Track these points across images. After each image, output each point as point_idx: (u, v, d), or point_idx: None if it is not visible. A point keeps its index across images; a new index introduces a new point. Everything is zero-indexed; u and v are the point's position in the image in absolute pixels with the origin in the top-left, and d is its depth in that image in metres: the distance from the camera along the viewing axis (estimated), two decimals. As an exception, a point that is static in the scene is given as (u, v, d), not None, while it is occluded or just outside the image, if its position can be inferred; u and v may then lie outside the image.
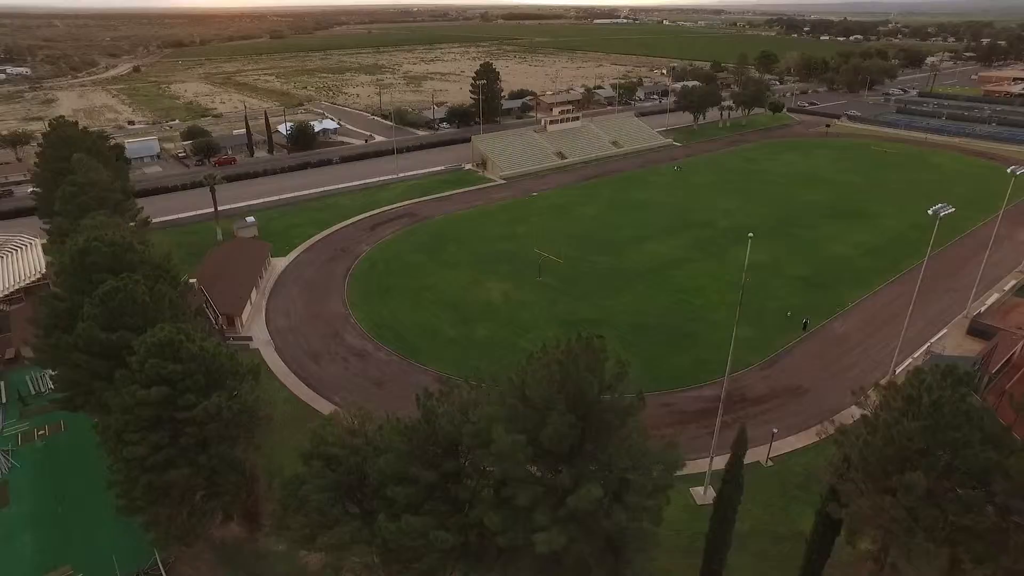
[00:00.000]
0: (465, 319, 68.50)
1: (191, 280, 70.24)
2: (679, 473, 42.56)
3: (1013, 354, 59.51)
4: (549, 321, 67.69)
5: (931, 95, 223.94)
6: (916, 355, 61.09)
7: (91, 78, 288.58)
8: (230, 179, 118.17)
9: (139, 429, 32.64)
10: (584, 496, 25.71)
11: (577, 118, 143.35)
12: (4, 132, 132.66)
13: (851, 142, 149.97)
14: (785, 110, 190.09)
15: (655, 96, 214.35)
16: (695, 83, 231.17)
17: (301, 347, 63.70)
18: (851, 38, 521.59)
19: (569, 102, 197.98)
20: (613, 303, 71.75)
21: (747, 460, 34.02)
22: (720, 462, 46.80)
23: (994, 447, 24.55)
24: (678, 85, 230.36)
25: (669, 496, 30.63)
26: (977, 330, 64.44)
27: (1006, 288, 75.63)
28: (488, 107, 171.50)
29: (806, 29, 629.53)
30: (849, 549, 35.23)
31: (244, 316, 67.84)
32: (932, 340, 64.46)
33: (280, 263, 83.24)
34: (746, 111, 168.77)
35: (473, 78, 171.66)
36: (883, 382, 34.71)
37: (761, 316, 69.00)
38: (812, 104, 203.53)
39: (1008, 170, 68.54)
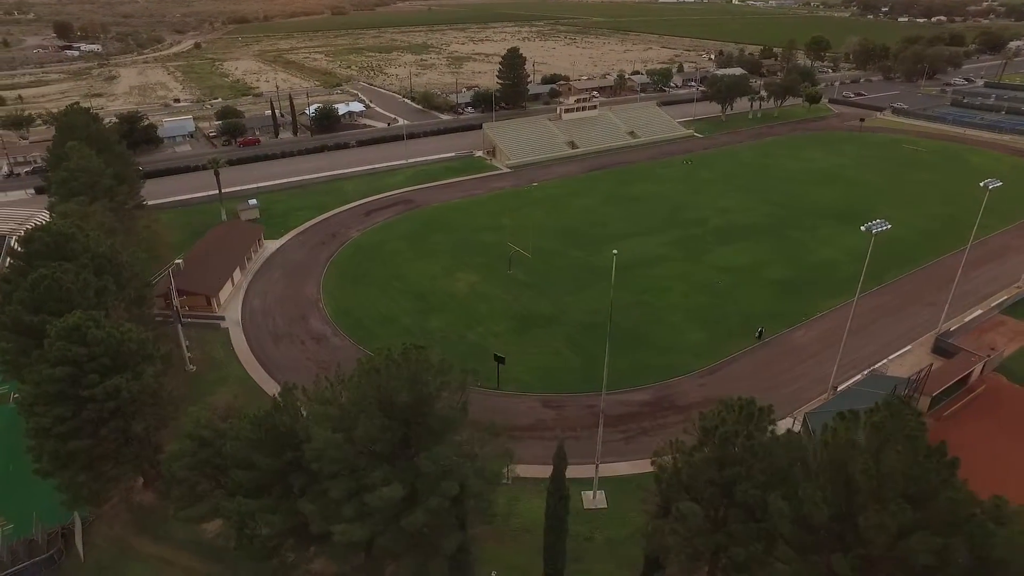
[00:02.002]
0: (425, 309, 71.01)
1: (178, 261, 75.87)
2: (574, 476, 44.99)
3: (970, 374, 57.31)
4: (503, 316, 69.38)
5: (997, 86, 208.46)
6: (867, 372, 59.55)
7: (155, 55, 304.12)
8: (247, 160, 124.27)
9: (46, 403, 36.79)
10: (380, 495, 27.86)
11: (595, 106, 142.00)
12: (54, 110, 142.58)
13: (886, 137, 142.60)
14: (827, 101, 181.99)
15: (693, 83, 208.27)
16: (738, 71, 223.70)
17: (267, 329, 67.85)
18: (933, 19, 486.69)
19: (599, 88, 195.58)
20: (573, 300, 72.61)
21: (649, 469, 34.17)
22: (625, 468, 48.33)
23: (776, 483, 24.96)
24: (721, 72, 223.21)
25: (490, 501, 32.31)
26: (941, 348, 62.11)
27: (996, 304, 71.81)
28: (514, 92, 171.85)
29: (884, 10, 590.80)
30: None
31: (223, 296, 72.56)
32: (892, 356, 62.58)
33: (272, 245, 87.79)
34: (779, 102, 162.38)
35: (500, 63, 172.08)
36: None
37: (720, 321, 68.57)
38: (859, 95, 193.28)
39: None
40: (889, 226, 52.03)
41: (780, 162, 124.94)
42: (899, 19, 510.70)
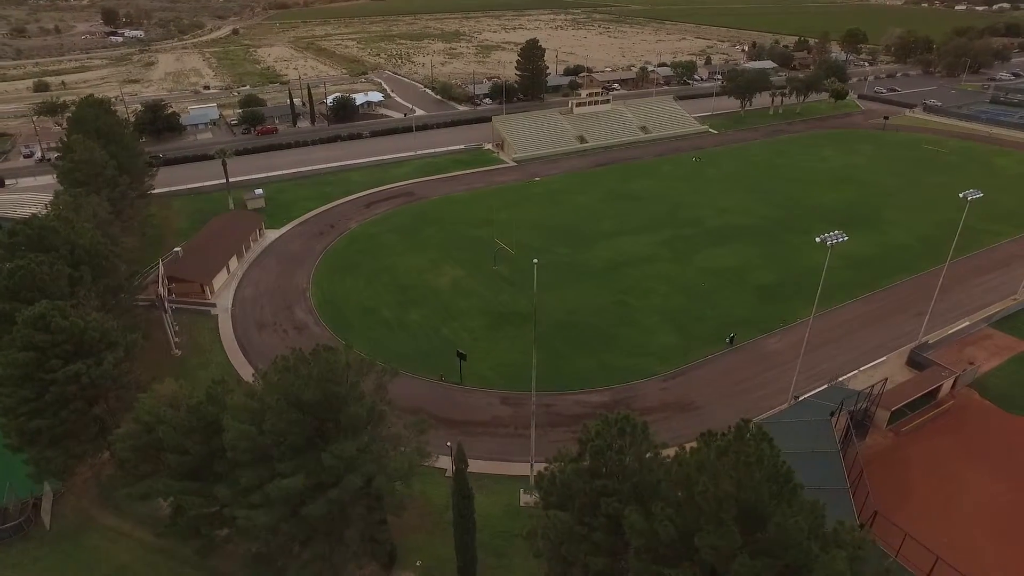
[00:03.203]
0: (406, 302, 72.98)
1: (176, 250, 79.77)
2: (518, 473, 46.62)
3: (939, 389, 56.39)
4: (481, 312, 70.85)
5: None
6: (828, 383, 59.01)
7: (194, 40, 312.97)
8: (262, 149, 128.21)
9: (12, 384, 40.04)
10: (279, 486, 29.89)
11: (608, 100, 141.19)
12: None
13: (909, 137, 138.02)
14: (855, 97, 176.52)
15: (719, 76, 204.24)
16: (768, 64, 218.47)
17: (253, 317, 70.89)
18: (994, 7, 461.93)
19: (622, 80, 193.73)
20: (552, 298, 73.36)
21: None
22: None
23: (646, 498, 25.80)
24: (748, 65, 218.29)
25: (401, 496, 34.07)
26: (915, 361, 61.10)
27: (985, 316, 69.87)
28: (532, 84, 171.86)
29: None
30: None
31: (217, 284, 75.95)
32: (864, 367, 61.82)
33: (273, 235, 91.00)
34: (801, 97, 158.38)
35: (518, 56, 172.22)
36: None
37: (696, 324, 68.66)
38: (891, 90, 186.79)
39: None
40: (846, 238, 51.52)
41: (792, 161, 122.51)
42: (956, 7, 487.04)
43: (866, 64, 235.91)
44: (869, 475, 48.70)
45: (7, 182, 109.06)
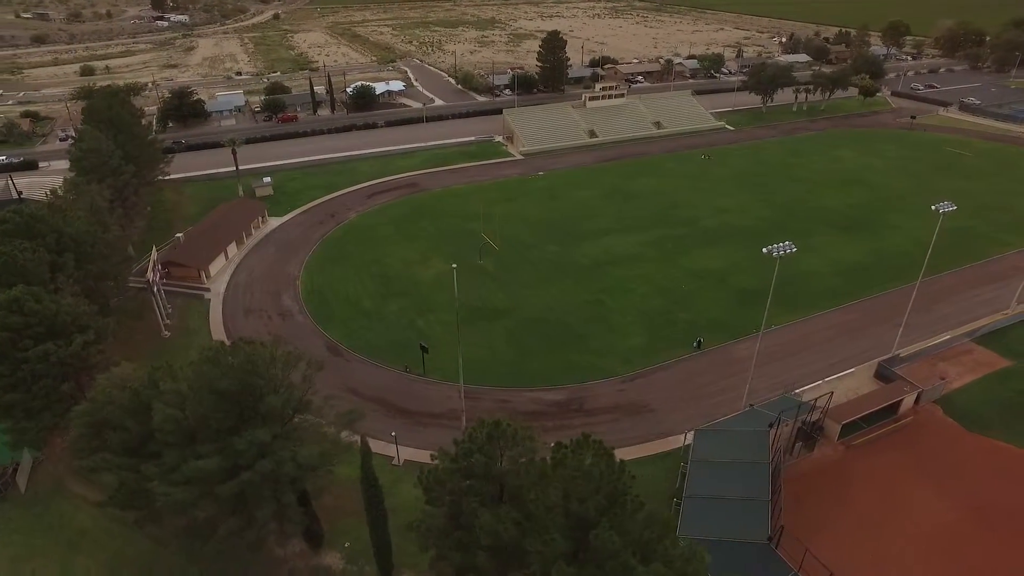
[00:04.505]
0: (388, 294, 75.38)
1: (178, 236, 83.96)
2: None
3: (899, 404, 55.73)
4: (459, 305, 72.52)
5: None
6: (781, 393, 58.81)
7: (235, 25, 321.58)
8: (280, 137, 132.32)
9: (-13, 361, 43.97)
10: (192, 466, 32.53)
11: (622, 95, 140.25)
12: (120, 83, 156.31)
13: (935, 137, 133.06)
14: (889, 94, 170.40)
15: (746, 70, 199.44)
16: (803, 57, 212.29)
17: (242, 302, 74.40)
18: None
19: (647, 73, 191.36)
20: (530, 294, 74.79)
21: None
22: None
23: (493, 502, 27.26)
24: (784, 58, 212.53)
25: (321, 483, 36.45)
26: (882, 375, 60.32)
27: (969, 330, 68.07)
28: (553, 75, 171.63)
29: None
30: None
31: (213, 270, 79.81)
32: (829, 378, 61.27)
33: (275, 223, 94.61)
34: (826, 94, 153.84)
35: (540, 46, 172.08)
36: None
37: (667, 327, 69.06)
38: (929, 87, 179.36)
39: None
40: (795, 249, 51.29)
41: (805, 161, 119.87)
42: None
43: (908, 58, 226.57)
44: (810, 488, 48.99)
45: (40, 164, 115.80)
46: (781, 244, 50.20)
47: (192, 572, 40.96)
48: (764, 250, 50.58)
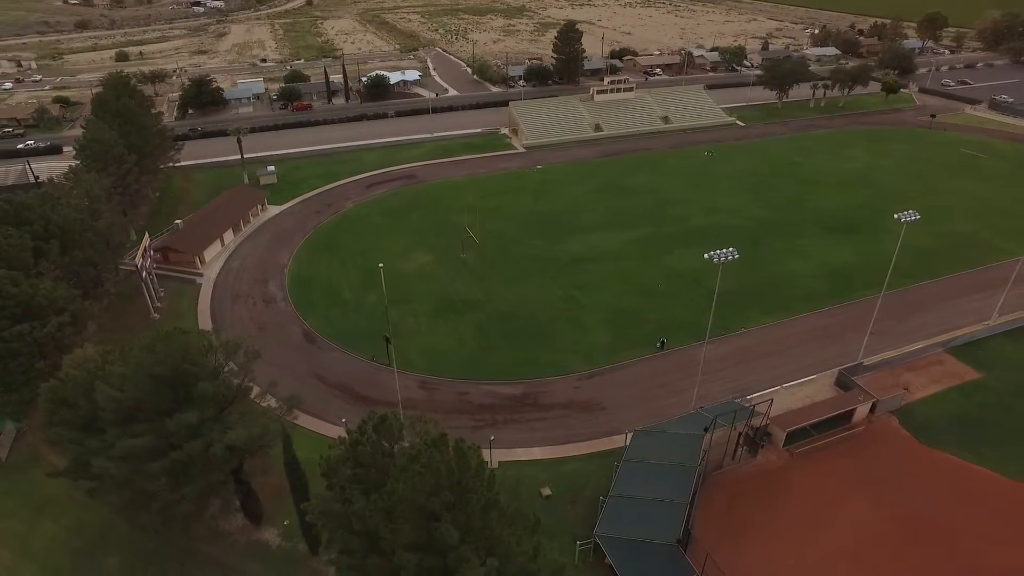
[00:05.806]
0: (368, 284, 77.50)
1: (177, 222, 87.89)
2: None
3: (852, 412, 55.72)
4: (433, 298, 74.67)
5: None
6: (742, 398, 59.18)
7: (268, 11, 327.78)
8: (292, 125, 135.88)
9: (-31, 339, 47.85)
10: (124, 444, 35.40)
11: (631, 88, 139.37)
12: (147, 69, 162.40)
13: (952, 137, 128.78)
14: (917, 90, 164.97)
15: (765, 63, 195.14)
16: (832, 50, 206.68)
17: (230, 288, 77.81)
18: None
19: (666, 65, 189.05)
20: (504, 289, 76.26)
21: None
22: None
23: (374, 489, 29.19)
24: (812, 51, 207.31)
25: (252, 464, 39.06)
26: (842, 383, 60.16)
27: (943, 340, 67.05)
28: (568, 67, 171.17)
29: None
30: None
31: (208, 256, 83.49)
32: (788, 384, 61.34)
33: (274, 211, 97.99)
34: (845, 90, 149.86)
35: (555, 38, 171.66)
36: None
37: (635, 326, 69.73)
38: (961, 83, 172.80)
39: None
40: (737, 256, 51.60)
41: (812, 160, 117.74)
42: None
43: (946, 52, 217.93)
44: (745, 493, 49.63)
45: (64, 149, 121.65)
46: (724, 251, 50.46)
47: (142, 540, 44.28)
48: (705, 256, 50.94)
